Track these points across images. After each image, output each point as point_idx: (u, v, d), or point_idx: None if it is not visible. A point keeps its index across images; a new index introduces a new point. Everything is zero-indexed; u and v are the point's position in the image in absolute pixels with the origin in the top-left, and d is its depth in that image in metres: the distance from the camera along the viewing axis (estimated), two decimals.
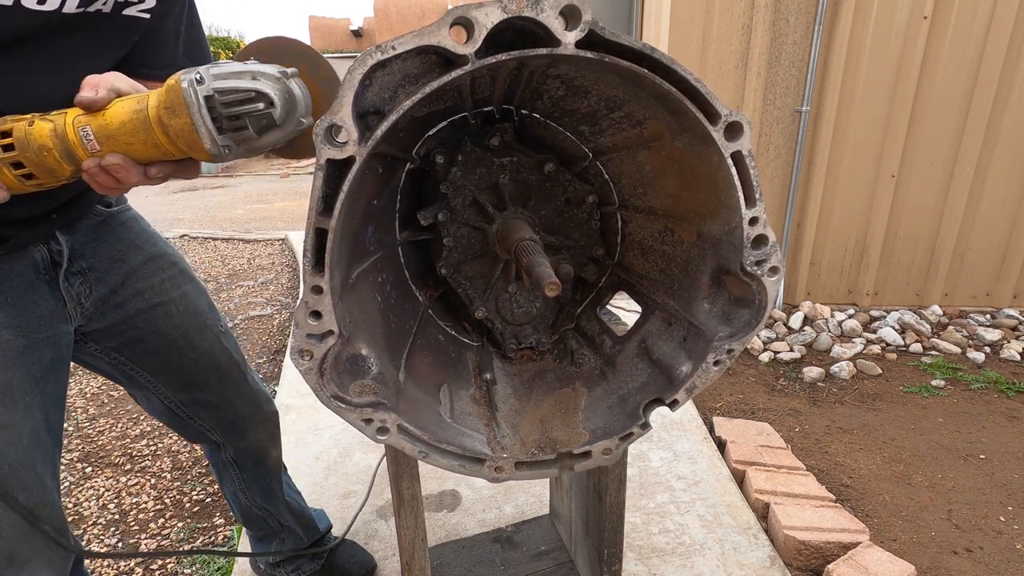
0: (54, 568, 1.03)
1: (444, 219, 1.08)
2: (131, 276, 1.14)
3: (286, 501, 1.54)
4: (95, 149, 0.73)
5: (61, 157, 0.73)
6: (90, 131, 0.72)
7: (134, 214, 1.20)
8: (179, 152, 0.76)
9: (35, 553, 1.00)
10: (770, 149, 3.35)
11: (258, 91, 0.71)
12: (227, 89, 0.71)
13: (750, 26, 3.13)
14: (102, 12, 0.88)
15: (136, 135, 0.73)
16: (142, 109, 0.72)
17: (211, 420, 1.33)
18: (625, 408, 1.01)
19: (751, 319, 0.92)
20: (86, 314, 1.09)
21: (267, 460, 1.45)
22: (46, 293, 1.01)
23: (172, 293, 1.19)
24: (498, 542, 1.65)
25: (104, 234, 1.11)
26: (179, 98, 0.70)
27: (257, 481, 1.46)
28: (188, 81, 0.70)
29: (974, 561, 1.79)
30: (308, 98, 0.79)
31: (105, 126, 0.73)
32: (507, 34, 0.73)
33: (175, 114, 0.71)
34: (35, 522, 0.95)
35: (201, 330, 1.24)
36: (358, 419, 0.83)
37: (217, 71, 0.71)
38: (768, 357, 3.08)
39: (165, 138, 0.72)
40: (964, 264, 3.44)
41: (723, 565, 1.73)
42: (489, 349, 1.22)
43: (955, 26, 3.02)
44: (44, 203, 0.96)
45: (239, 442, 1.39)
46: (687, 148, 0.89)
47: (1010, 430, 2.44)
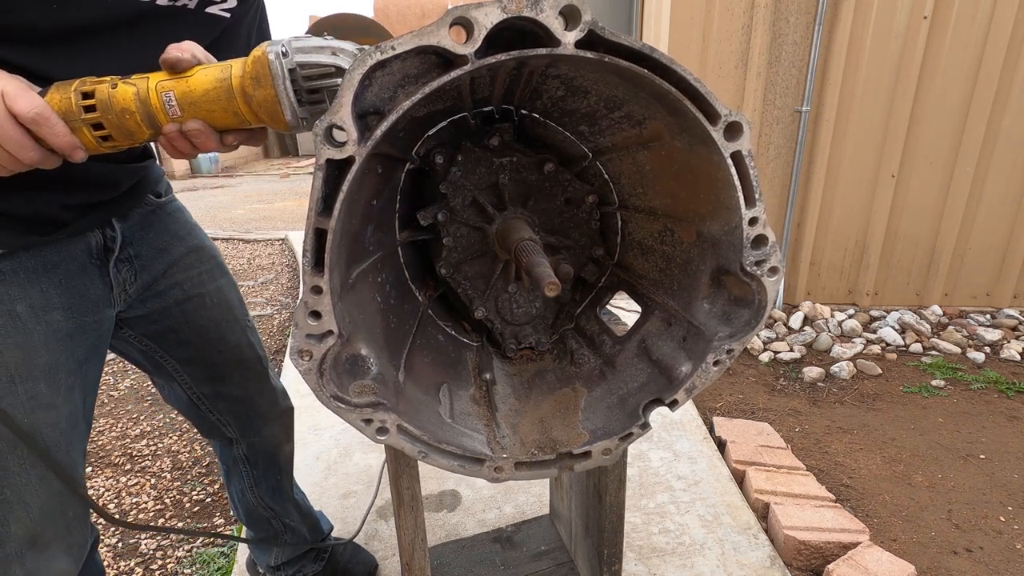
0: (72, 555, 1.04)
1: (444, 219, 1.08)
2: (173, 266, 1.17)
3: (294, 499, 1.55)
4: (176, 115, 0.74)
5: (142, 121, 0.74)
6: (173, 96, 0.73)
7: (179, 205, 1.23)
8: (257, 121, 0.77)
9: (57, 537, 1.01)
10: (770, 149, 3.35)
11: (337, 67, 0.73)
12: (309, 63, 0.72)
13: (750, 26, 3.13)
14: (187, 7, 0.93)
15: (218, 103, 0.74)
16: (226, 78, 0.73)
17: (230, 414, 1.34)
18: (625, 408, 1.01)
19: (751, 319, 0.92)
20: (128, 300, 1.12)
21: (279, 456, 1.46)
22: (96, 277, 1.03)
23: (208, 286, 1.22)
24: (498, 542, 1.65)
25: (152, 223, 1.14)
26: (265, 70, 0.71)
27: (268, 478, 1.46)
28: (275, 53, 0.71)
29: (974, 561, 1.79)
30: None
31: (188, 92, 0.73)
32: (507, 34, 0.73)
33: (259, 85, 0.72)
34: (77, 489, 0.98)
35: (231, 324, 1.27)
36: (358, 419, 0.83)
37: (299, 45, 0.73)
38: (768, 357, 3.07)
39: (246, 108, 0.74)
40: (964, 264, 3.44)
41: (723, 565, 1.73)
42: (489, 349, 1.22)
43: (955, 26, 3.02)
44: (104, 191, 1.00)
45: (254, 438, 1.39)
46: (687, 148, 0.89)
47: (1010, 430, 2.44)
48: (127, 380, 3.09)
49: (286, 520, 1.53)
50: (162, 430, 2.60)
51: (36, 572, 0.99)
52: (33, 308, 0.94)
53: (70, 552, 1.04)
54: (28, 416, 0.94)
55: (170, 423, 2.65)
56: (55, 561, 1.02)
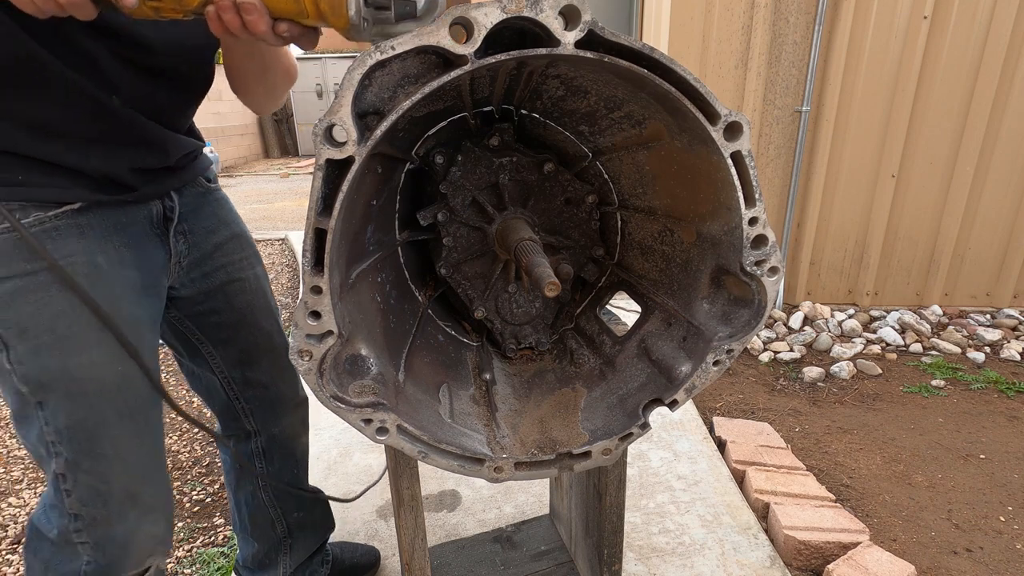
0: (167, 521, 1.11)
1: (444, 219, 1.08)
2: (219, 249, 1.22)
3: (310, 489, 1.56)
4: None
5: None
6: None
7: (225, 195, 1.30)
8: (316, 15, 0.74)
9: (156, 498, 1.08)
10: (770, 149, 3.35)
11: None
12: None
13: (750, 26, 3.13)
14: None
15: None
16: None
17: (255, 401, 1.37)
18: (625, 408, 1.01)
19: (751, 319, 0.92)
20: (180, 274, 1.17)
21: (297, 448, 1.48)
22: (158, 245, 1.10)
23: (247, 272, 1.28)
24: (498, 542, 1.65)
25: (203, 205, 1.20)
26: None
27: (284, 472, 1.47)
28: None
29: (974, 561, 1.79)
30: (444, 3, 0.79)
31: None
32: (506, 34, 0.73)
33: None
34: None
35: (265, 311, 1.32)
36: (358, 419, 0.83)
37: None
38: (768, 357, 3.07)
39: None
40: (964, 264, 3.43)
41: (723, 565, 1.73)
42: (489, 349, 1.22)
43: (955, 26, 3.02)
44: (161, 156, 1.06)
45: (274, 428, 1.41)
46: (687, 148, 0.89)
47: (1010, 430, 2.44)
48: None
49: (290, 519, 1.51)
50: None
51: (136, 532, 1.05)
52: (111, 262, 0.99)
53: (166, 517, 1.10)
54: (122, 363, 0.99)
55: (170, 423, 2.65)
56: (154, 525, 1.08)
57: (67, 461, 0.98)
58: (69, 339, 0.94)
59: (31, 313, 0.92)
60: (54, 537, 1.04)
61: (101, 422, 0.98)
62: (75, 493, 1.00)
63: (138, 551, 1.08)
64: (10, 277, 0.91)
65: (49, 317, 0.93)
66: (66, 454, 0.98)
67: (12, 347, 0.93)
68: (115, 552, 1.05)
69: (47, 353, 0.93)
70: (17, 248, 0.91)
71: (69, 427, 0.97)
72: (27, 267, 0.91)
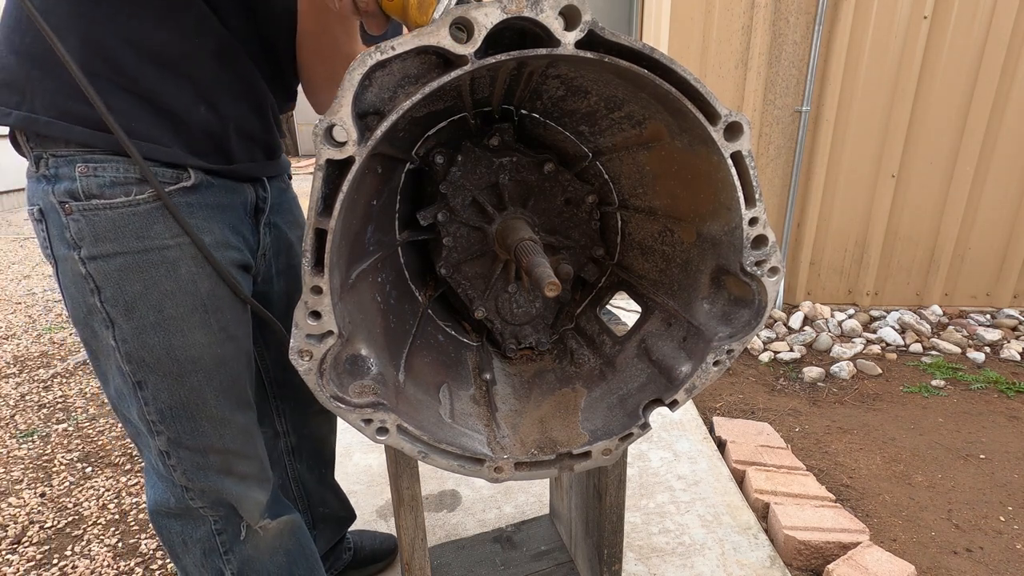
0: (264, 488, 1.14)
1: (444, 219, 1.08)
2: (290, 249, 1.23)
3: (336, 487, 1.59)
4: None
5: None
6: None
7: (296, 194, 1.30)
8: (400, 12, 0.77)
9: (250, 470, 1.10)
10: (770, 149, 3.35)
11: None
12: None
13: (750, 26, 3.13)
14: None
15: None
16: None
17: (289, 401, 1.39)
18: (625, 408, 1.01)
19: (751, 319, 0.92)
20: (261, 267, 1.17)
21: (325, 448, 1.50)
22: (251, 231, 1.11)
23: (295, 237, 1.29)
24: (498, 542, 1.65)
25: (285, 202, 1.22)
26: None
27: (313, 472, 1.49)
28: None
29: (974, 561, 1.79)
30: None
31: None
32: (507, 34, 0.73)
33: None
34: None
35: None
36: (358, 419, 0.83)
37: None
38: (768, 357, 3.07)
39: None
40: (964, 264, 3.44)
41: (723, 565, 1.73)
42: (489, 349, 1.22)
43: (955, 26, 3.02)
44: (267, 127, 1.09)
45: (304, 429, 1.43)
46: (687, 148, 0.89)
47: (1010, 430, 2.44)
48: None
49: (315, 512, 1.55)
50: None
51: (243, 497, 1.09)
52: (216, 242, 0.99)
53: (262, 487, 1.13)
54: (221, 346, 1.00)
55: None
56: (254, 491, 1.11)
57: (169, 440, 1.01)
58: (175, 320, 0.95)
59: (140, 292, 0.92)
60: (175, 508, 1.08)
61: (201, 403, 1.00)
62: (179, 468, 1.04)
63: (250, 512, 1.12)
64: (120, 253, 0.90)
65: (157, 297, 0.93)
66: (168, 433, 1.01)
67: (118, 325, 0.93)
68: (232, 511, 1.10)
69: (152, 333, 0.94)
70: (129, 223, 0.89)
71: (172, 407, 0.99)
72: (138, 244, 0.90)
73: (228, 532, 1.11)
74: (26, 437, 2.55)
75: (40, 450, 2.46)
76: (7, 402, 2.84)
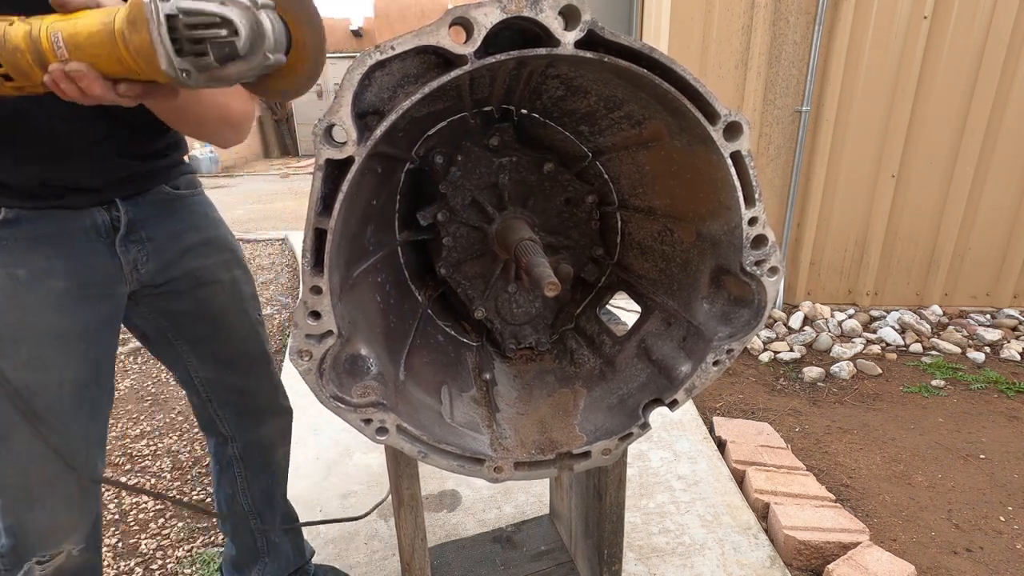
0: (72, 507, 1.12)
1: (443, 219, 1.08)
2: (187, 253, 1.22)
3: (284, 510, 1.52)
4: (63, 56, 0.72)
5: (33, 61, 0.73)
6: (60, 37, 0.71)
7: (204, 200, 1.29)
8: (140, 71, 0.73)
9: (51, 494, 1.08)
10: (770, 149, 3.35)
11: (223, 16, 0.68)
12: (191, 10, 0.68)
13: (750, 26, 3.13)
14: None
15: (102, 47, 0.71)
16: (109, 21, 0.70)
17: (229, 406, 1.36)
18: (624, 408, 1.01)
19: (751, 319, 0.92)
20: (142, 280, 1.17)
21: (273, 459, 1.46)
22: (104, 253, 1.10)
23: (222, 275, 1.27)
24: (498, 542, 1.65)
25: (169, 213, 1.20)
26: (140, 12, 0.67)
27: (259, 482, 1.45)
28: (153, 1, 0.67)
29: (974, 561, 1.79)
30: (281, 34, 0.74)
31: (75, 34, 0.71)
32: (506, 34, 0.73)
33: (136, 29, 0.68)
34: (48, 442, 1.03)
35: (241, 315, 1.31)
36: (357, 419, 0.83)
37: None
38: (768, 357, 3.07)
39: (127, 53, 0.70)
40: (964, 264, 3.43)
41: (723, 565, 1.72)
42: (489, 349, 1.22)
43: (955, 26, 3.02)
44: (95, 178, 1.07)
45: (250, 435, 1.40)
46: (686, 148, 0.89)
47: (1010, 430, 2.44)
48: (127, 380, 3.09)
49: (271, 536, 1.50)
50: (162, 430, 2.60)
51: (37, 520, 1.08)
52: (35, 273, 1.01)
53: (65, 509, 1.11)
54: (26, 375, 1.01)
55: (170, 423, 2.65)
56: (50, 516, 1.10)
57: None
58: None
59: None
60: None
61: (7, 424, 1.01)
62: None
63: (41, 538, 1.11)
64: None
65: None
66: None
67: None
68: (22, 536, 1.09)
69: None
70: None
71: None
72: None
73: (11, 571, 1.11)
74: None
75: None
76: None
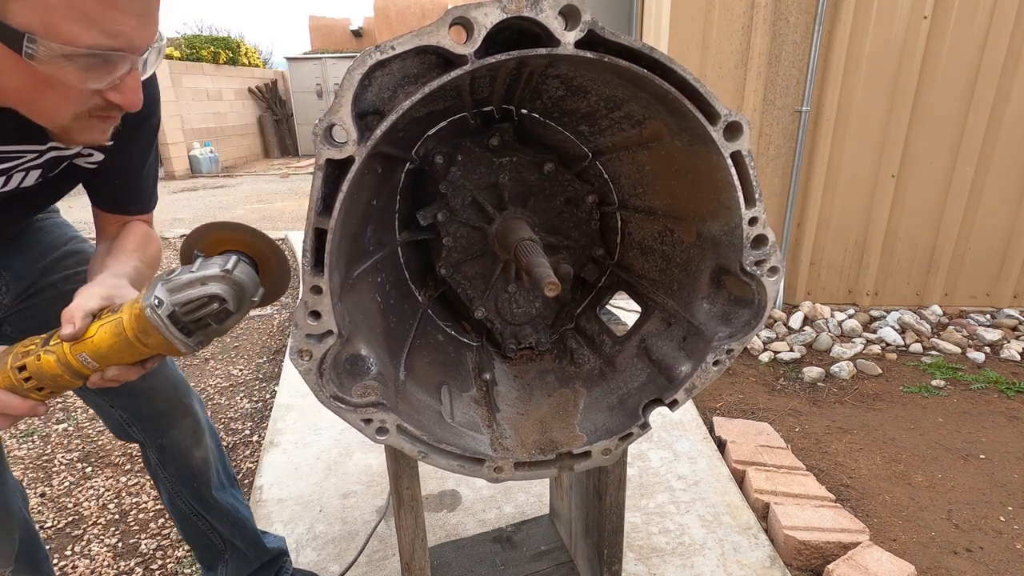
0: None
1: (443, 219, 1.08)
2: (46, 271, 1.22)
3: (221, 509, 1.47)
4: (95, 367, 0.85)
5: (71, 378, 0.85)
6: (87, 356, 0.84)
7: (58, 220, 1.29)
8: (162, 353, 0.86)
9: None
10: (770, 149, 3.35)
11: (210, 295, 0.81)
12: (183, 301, 0.80)
13: (750, 26, 3.13)
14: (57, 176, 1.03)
15: (123, 351, 0.84)
16: (120, 333, 0.82)
17: (130, 410, 1.33)
18: (625, 408, 1.01)
19: (751, 319, 0.92)
20: (5, 308, 1.18)
21: (191, 462, 1.40)
22: None
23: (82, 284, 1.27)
24: (498, 542, 1.65)
25: (22, 239, 1.20)
26: (147, 324, 0.80)
27: (186, 486, 1.42)
28: (150, 308, 0.80)
29: (974, 561, 1.79)
30: (253, 276, 0.87)
31: (96, 350, 0.84)
32: (506, 34, 0.73)
33: (148, 335, 0.81)
34: None
35: None
36: (357, 419, 0.83)
37: (170, 286, 0.81)
38: (768, 357, 3.07)
39: (147, 349, 0.84)
40: (964, 264, 3.43)
41: (723, 565, 1.72)
42: (489, 349, 1.22)
43: (955, 26, 3.02)
44: None
45: (161, 439, 1.37)
46: (686, 148, 0.89)
47: (1010, 430, 2.44)
48: None
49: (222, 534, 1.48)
50: None
51: None
52: None
53: None
54: None
55: None
56: None
57: None
58: None
59: None
60: None
61: None
62: None
63: None
64: None
65: None
66: None
67: None
68: None
69: None
70: None
71: None
72: None
73: None
74: (26, 437, 2.55)
75: (40, 450, 2.46)
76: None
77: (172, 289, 0.81)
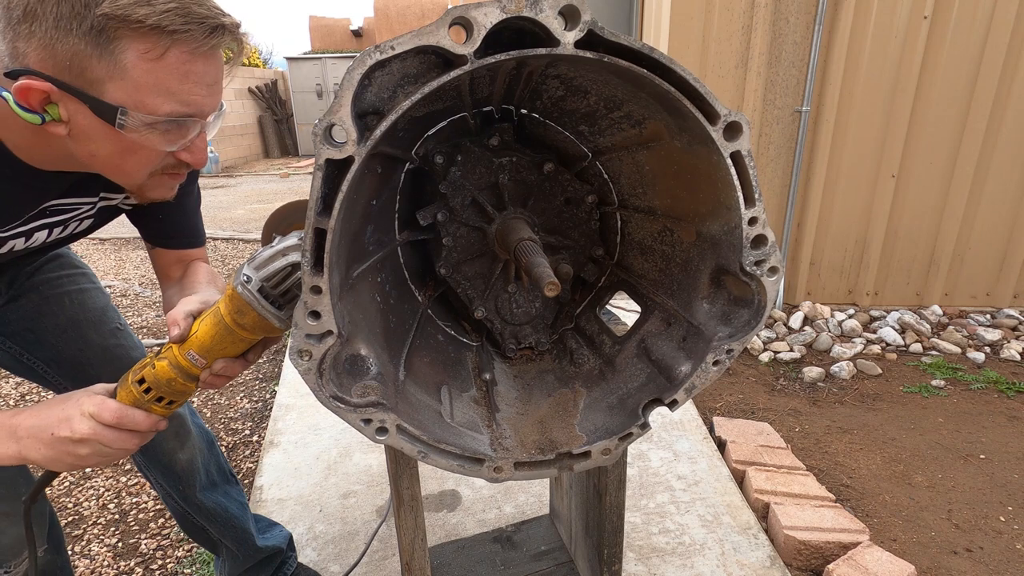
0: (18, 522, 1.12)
1: (443, 219, 1.08)
2: (31, 275, 1.25)
3: (208, 509, 1.46)
4: (203, 364, 0.90)
5: (184, 380, 0.90)
6: (193, 353, 0.89)
7: None
8: (258, 336, 0.90)
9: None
10: (770, 149, 3.35)
11: (292, 263, 0.85)
12: (269, 274, 0.84)
13: (750, 26, 3.13)
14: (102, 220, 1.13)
15: (225, 340, 0.88)
16: (219, 321, 0.87)
17: None
18: (624, 408, 1.01)
19: (750, 319, 0.92)
20: None
21: (176, 466, 1.40)
22: None
23: (68, 287, 1.30)
24: (498, 542, 1.65)
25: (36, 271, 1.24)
26: (241, 302, 0.84)
27: (173, 487, 1.42)
28: (240, 285, 0.84)
29: (974, 561, 1.79)
30: None
31: (201, 344, 0.88)
32: (506, 34, 0.73)
33: (244, 314, 0.85)
34: None
35: (96, 324, 1.32)
36: (357, 419, 0.83)
37: (255, 263, 0.85)
38: (768, 357, 3.07)
39: (245, 332, 0.88)
40: (964, 264, 3.43)
41: (723, 565, 1.73)
42: (489, 349, 1.22)
43: (955, 26, 3.02)
44: None
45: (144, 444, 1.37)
46: (686, 148, 0.89)
47: (1010, 430, 2.44)
48: None
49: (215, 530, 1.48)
50: None
51: None
52: None
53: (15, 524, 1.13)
54: None
55: None
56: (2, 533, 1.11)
57: None
58: None
59: None
60: None
61: None
62: None
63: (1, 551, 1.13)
64: None
65: None
66: None
67: None
68: None
69: None
70: None
71: None
72: None
73: None
74: None
75: None
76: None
77: (257, 266, 0.85)
